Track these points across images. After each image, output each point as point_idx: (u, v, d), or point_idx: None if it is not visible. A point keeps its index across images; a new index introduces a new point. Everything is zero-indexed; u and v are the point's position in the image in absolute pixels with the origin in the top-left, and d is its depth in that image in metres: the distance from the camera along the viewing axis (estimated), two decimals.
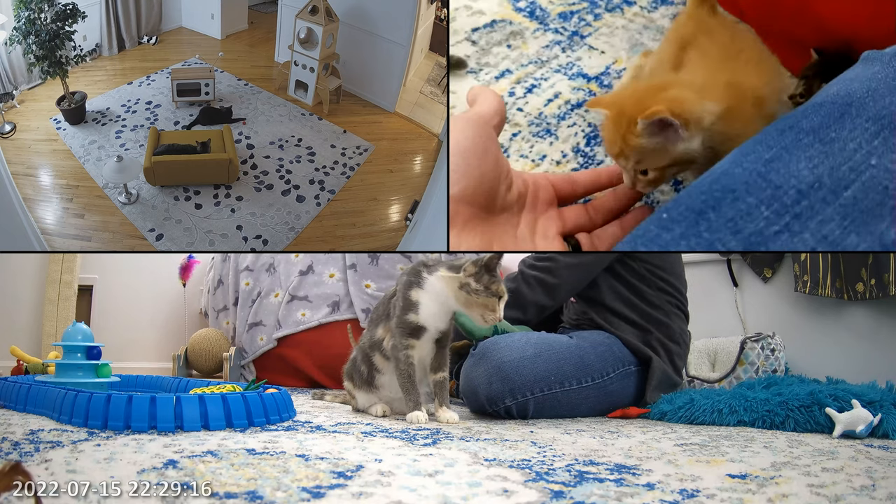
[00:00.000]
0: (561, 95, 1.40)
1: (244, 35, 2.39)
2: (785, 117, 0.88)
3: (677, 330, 1.66)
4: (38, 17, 1.81)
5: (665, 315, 1.65)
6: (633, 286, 1.65)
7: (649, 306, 1.64)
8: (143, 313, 2.92)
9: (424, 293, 1.29)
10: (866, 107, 0.83)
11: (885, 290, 1.97)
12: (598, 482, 0.74)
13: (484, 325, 1.29)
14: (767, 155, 0.82)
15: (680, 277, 1.73)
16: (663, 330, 1.63)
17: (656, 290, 1.66)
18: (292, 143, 1.94)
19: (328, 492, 0.65)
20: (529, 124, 1.35)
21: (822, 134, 0.82)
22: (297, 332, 2.41)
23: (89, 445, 0.88)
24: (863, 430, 1.16)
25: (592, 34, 1.51)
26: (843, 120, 0.83)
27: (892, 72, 0.87)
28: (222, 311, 2.71)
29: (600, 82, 1.43)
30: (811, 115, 0.85)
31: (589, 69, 1.44)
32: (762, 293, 2.33)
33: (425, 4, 2.06)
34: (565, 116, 1.36)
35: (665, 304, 1.66)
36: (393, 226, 1.77)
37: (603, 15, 1.54)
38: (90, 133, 1.89)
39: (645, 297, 1.64)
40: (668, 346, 1.63)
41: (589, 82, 1.42)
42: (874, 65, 0.90)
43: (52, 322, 2.58)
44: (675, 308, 1.68)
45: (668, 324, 1.64)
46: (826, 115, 0.84)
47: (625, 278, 1.65)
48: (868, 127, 0.81)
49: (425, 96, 2.15)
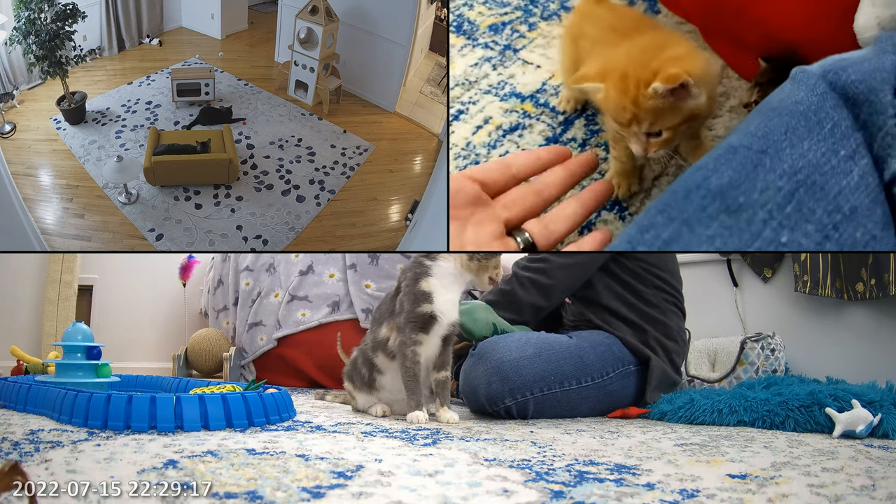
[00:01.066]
0: (492, 120, 1.27)
1: (244, 35, 2.39)
2: (697, 168, 0.81)
3: (675, 328, 1.66)
4: (38, 17, 1.81)
5: (662, 313, 1.64)
6: (629, 284, 1.65)
7: (646, 304, 1.63)
8: (143, 313, 2.92)
9: (435, 280, 1.31)
10: (782, 155, 0.77)
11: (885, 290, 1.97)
12: (598, 482, 0.74)
13: (490, 287, 1.35)
14: (666, 234, 0.76)
15: (675, 274, 1.72)
16: (661, 328, 1.63)
17: (652, 287, 1.65)
18: (292, 143, 1.94)
19: (328, 492, 0.65)
20: (455, 157, 1.23)
21: (731, 199, 0.75)
22: (297, 332, 2.41)
23: (89, 445, 0.88)
24: (863, 430, 1.16)
25: (526, 46, 1.37)
26: (755, 175, 0.76)
27: (815, 102, 0.80)
28: (222, 311, 2.71)
29: (536, 101, 1.29)
30: (723, 168, 0.78)
31: (523, 87, 1.30)
32: (762, 293, 2.33)
33: (425, 4, 2.06)
34: (496, 144, 1.23)
35: (661, 301, 1.65)
36: (393, 226, 1.77)
37: (538, 24, 1.40)
38: (90, 133, 1.89)
39: (641, 295, 1.64)
40: (666, 344, 1.62)
41: (523, 102, 1.29)
42: (799, 89, 0.83)
43: (52, 322, 2.58)
44: (672, 305, 1.68)
45: (665, 322, 1.64)
46: (738, 167, 0.77)
47: (620, 277, 1.65)
48: (782, 186, 0.74)
49: (425, 96, 2.14)
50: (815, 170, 0.75)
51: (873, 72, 0.80)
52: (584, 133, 1.29)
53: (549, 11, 1.42)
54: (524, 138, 1.24)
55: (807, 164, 0.75)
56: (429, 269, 1.32)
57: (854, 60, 0.82)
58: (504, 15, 1.42)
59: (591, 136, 1.28)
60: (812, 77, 0.83)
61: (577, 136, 1.28)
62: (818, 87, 0.81)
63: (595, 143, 1.28)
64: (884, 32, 0.87)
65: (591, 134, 1.29)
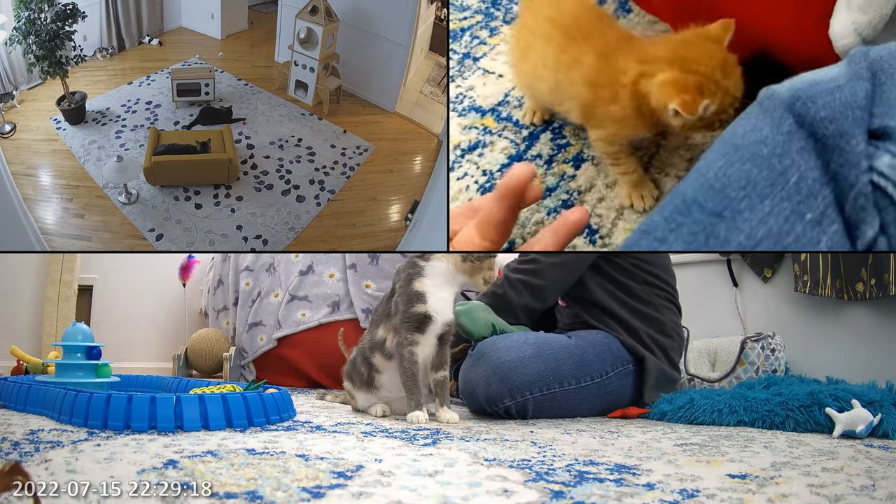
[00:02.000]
0: (450, 140, 1.18)
1: (244, 35, 2.39)
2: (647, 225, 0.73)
3: (669, 324, 1.65)
4: (38, 17, 1.81)
5: (655, 310, 1.63)
6: (621, 282, 1.63)
7: (639, 302, 1.62)
8: (143, 313, 2.92)
9: (428, 280, 1.32)
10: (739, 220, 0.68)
11: (885, 290, 1.97)
12: (598, 482, 0.74)
13: (484, 288, 1.35)
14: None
15: (667, 269, 1.71)
16: (655, 325, 1.62)
17: (644, 284, 1.64)
18: (292, 143, 1.94)
19: (328, 492, 0.65)
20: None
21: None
22: (297, 332, 2.41)
23: (89, 445, 0.88)
24: (863, 430, 1.16)
25: (487, 54, 1.26)
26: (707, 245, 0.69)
27: (780, 143, 0.72)
28: (222, 311, 2.71)
29: (497, 115, 1.17)
30: (672, 238, 0.70)
31: (483, 100, 1.19)
32: (762, 293, 2.33)
33: (425, 4, 2.06)
34: (454, 167, 1.14)
35: (654, 298, 1.64)
36: (393, 226, 1.77)
37: (500, 29, 1.28)
38: (90, 133, 1.89)
39: (634, 292, 1.63)
40: (661, 341, 1.61)
41: (483, 117, 1.19)
42: (765, 122, 0.75)
43: (52, 322, 2.58)
44: (666, 301, 1.67)
45: (659, 319, 1.63)
46: (689, 239, 0.69)
47: (611, 275, 1.64)
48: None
49: (425, 96, 2.14)
50: (777, 241, 0.67)
51: (844, 108, 0.72)
52: (550, 148, 1.19)
53: (511, 14, 1.31)
54: (485, 157, 1.15)
55: (767, 234, 0.67)
56: (422, 269, 1.32)
57: (825, 88, 0.74)
58: (463, 20, 1.32)
59: (558, 152, 1.19)
60: (780, 106, 0.75)
61: (543, 151, 1.19)
62: (784, 122, 0.74)
63: (563, 158, 1.19)
64: (858, 50, 0.78)
65: (557, 149, 1.19)
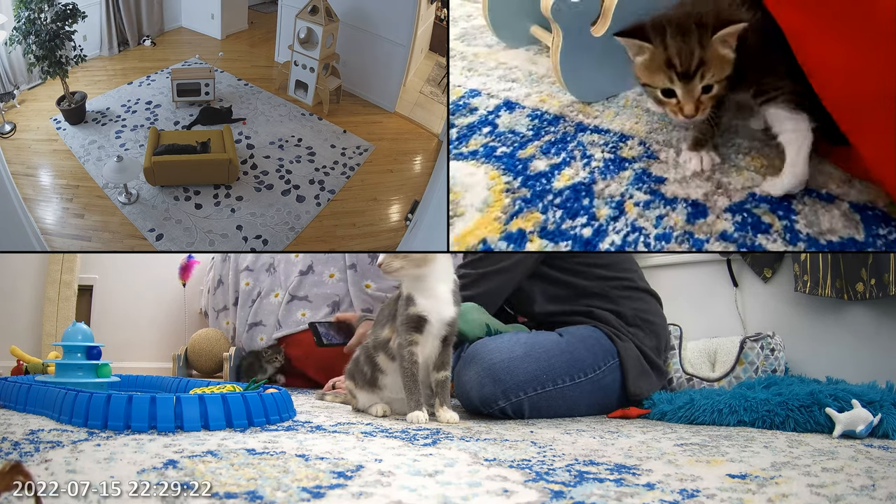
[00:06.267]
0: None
1: (244, 35, 2.39)
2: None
3: (630, 313, 1.62)
4: (38, 17, 1.81)
5: (611, 302, 1.61)
6: (569, 283, 1.62)
7: (592, 297, 1.61)
8: (143, 313, 2.91)
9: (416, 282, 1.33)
10: None
11: (885, 290, 1.97)
12: (598, 482, 0.74)
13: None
14: None
15: (617, 260, 1.67)
16: (617, 317, 1.60)
17: (595, 279, 1.62)
18: (292, 143, 1.94)
19: (328, 492, 0.65)
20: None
21: None
22: (297, 332, 2.41)
23: (89, 445, 0.88)
24: (863, 430, 1.16)
25: None
26: None
27: None
28: (222, 311, 2.71)
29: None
30: None
31: None
32: (762, 293, 2.33)
33: (425, 4, 2.06)
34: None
35: (608, 290, 1.62)
36: (393, 226, 1.77)
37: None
38: (90, 133, 1.89)
39: (586, 290, 1.61)
40: (628, 330, 1.59)
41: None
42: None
43: (52, 322, 2.58)
44: (623, 290, 1.64)
45: (618, 311, 1.61)
46: None
47: (555, 278, 1.62)
48: None
49: (425, 96, 2.14)
50: None
51: None
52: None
53: None
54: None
55: None
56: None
57: None
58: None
59: None
60: None
61: None
62: None
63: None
64: None
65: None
